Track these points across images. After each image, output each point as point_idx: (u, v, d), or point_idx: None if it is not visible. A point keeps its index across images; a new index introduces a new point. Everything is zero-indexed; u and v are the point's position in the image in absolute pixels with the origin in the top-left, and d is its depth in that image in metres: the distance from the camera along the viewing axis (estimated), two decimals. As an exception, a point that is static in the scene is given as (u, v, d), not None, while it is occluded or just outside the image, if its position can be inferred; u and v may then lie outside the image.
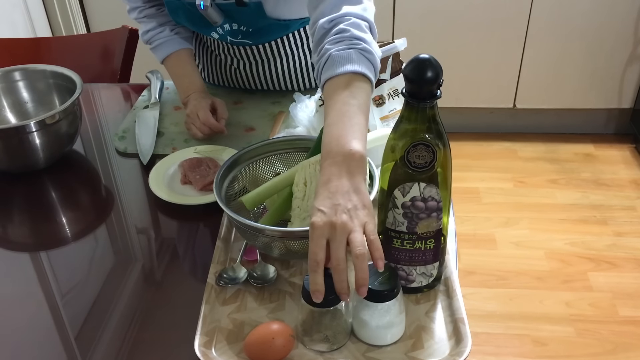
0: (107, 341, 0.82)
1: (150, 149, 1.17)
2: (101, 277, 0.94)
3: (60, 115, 1.11)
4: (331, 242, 0.71)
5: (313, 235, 0.71)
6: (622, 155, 2.54)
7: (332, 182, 0.73)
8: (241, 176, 0.96)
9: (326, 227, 0.70)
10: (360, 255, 0.70)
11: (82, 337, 0.83)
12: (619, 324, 1.79)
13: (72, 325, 0.86)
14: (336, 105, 0.81)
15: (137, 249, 1.00)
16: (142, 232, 1.03)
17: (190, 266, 0.96)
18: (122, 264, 0.96)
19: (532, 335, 1.77)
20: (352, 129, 0.78)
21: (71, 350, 0.82)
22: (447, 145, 0.75)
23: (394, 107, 1.02)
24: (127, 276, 0.94)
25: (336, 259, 0.70)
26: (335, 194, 0.72)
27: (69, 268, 0.96)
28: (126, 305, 0.88)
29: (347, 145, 0.76)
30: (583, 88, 2.51)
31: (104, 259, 0.98)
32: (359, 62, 0.84)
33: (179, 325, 0.83)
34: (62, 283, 0.94)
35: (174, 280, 0.93)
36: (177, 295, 0.89)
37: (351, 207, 0.71)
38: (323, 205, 0.72)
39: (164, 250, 0.99)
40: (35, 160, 1.13)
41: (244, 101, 1.33)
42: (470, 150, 2.58)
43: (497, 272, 1.99)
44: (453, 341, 0.78)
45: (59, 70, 1.21)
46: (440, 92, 0.71)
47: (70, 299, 0.90)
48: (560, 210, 2.25)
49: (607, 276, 1.96)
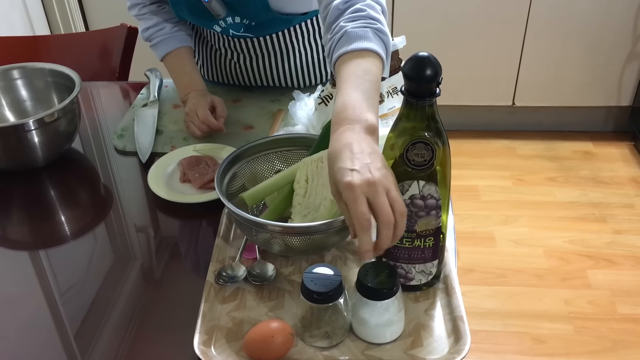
0: (106, 339, 0.82)
1: (149, 148, 1.17)
2: (100, 275, 0.94)
3: (59, 114, 1.10)
4: (374, 199, 0.67)
5: (354, 195, 0.67)
6: (621, 153, 2.54)
7: (354, 145, 0.71)
8: (241, 173, 0.96)
9: (365, 185, 0.67)
10: (404, 213, 0.69)
11: (81, 336, 0.83)
12: (618, 321, 1.80)
13: (71, 323, 0.86)
14: (350, 78, 0.80)
15: (136, 247, 1.00)
16: (141, 231, 1.03)
17: (190, 264, 0.96)
18: (121, 263, 0.96)
19: (531, 333, 1.77)
20: (367, 102, 0.76)
21: (70, 348, 0.82)
22: (446, 143, 0.75)
23: (393, 105, 1.02)
24: (126, 274, 0.94)
25: (386, 214, 0.67)
26: (360, 154, 0.70)
27: (68, 267, 0.96)
28: (125, 303, 0.88)
29: (363, 115, 0.74)
30: (582, 86, 2.51)
31: (103, 258, 0.98)
32: (374, 41, 0.84)
33: (178, 323, 0.83)
34: (61, 281, 0.94)
35: (173, 279, 0.93)
36: (176, 293, 0.89)
37: (380, 167, 0.69)
38: (354, 165, 0.69)
39: (163, 248, 0.99)
40: (34, 159, 1.13)
41: (242, 99, 1.33)
42: (469, 148, 2.58)
43: (496, 270, 1.99)
44: (452, 339, 0.78)
45: (58, 68, 1.20)
46: (440, 90, 0.71)
47: (70, 298, 0.90)
48: (559, 208, 2.25)
49: (606, 274, 1.96)
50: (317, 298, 0.75)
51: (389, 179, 0.69)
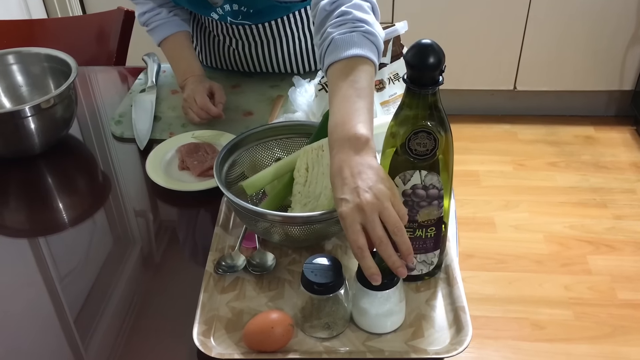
0: (106, 325, 0.82)
1: (147, 134, 1.16)
2: (99, 262, 0.93)
3: (56, 100, 1.09)
4: (365, 224, 0.69)
5: (346, 225, 0.69)
6: (622, 137, 2.53)
7: (343, 169, 0.72)
8: (240, 161, 0.95)
9: (355, 212, 0.69)
10: (399, 230, 0.69)
11: (81, 320, 0.83)
12: (618, 307, 1.80)
13: (71, 309, 0.85)
14: (340, 91, 0.80)
15: (134, 235, 0.99)
16: (140, 218, 1.02)
17: (189, 252, 0.95)
18: (120, 250, 0.95)
19: (531, 319, 1.77)
20: (356, 113, 0.76)
21: (70, 333, 0.82)
22: (449, 131, 0.74)
23: (395, 92, 1.01)
24: (124, 262, 0.93)
25: (377, 238, 0.69)
26: (350, 178, 0.71)
27: (67, 254, 0.96)
28: (124, 290, 0.87)
29: (351, 130, 0.74)
30: (584, 70, 2.49)
31: (102, 245, 0.97)
32: (361, 45, 0.83)
33: (177, 312, 0.83)
34: (60, 268, 0.93)
35: (172, 266, 0.92)
36: (175, 281, 0.89)
37: (372, 185, 0.69)
38: (343, 194, 0.70)
39: (161, 236, 0.98)
40: (31, 146, 1.11)
41: (242, 85, 1.31)
42: (470, 133, 2.56)
43: (496, 256, 1.99)
44: (454, 330, 0.78)
45: (54, 53, 1.18)
46: (443, 78, 0.70)
47: (68, 284, 0.89)
48: (560, 193, 2.24)
49: (606, 259, 1.96)
50: (317, 289, 0.74)
51: (381, 194, 0.69)
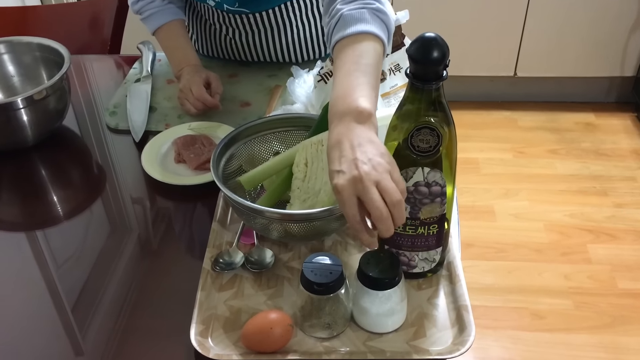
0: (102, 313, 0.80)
1: (143, 126, 1.13)
2: (94, 255, 0.91)
3: (49, 91, 1.06)
4: (362, 196, 0.65)
5: (342, 198, 0.65)
6: (623, 124, 2.51)
7: (342, 142, 0.68)
8: (238, 155, 0.93)
9: (351, 184, 0.65)
10: (398, 203, 0.64)
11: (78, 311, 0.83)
12: (618, 296, 1.79)
13: (68, 299, 0.85)
14: (344, 66, 0.76)
15: (130, 228, 0.97)
16: (136, 212, 1.00)
17: (186, 248, 0.93)
18: (115, 244, 0.93)
19: (531, 308, 1.76)
20: (359, 87, 0.73)
21: (68, 321, 0.82)
22: (453, 127, 0.72)
23: (395, 83, 0.98)
24: (120, 257, 0.91)
25: (376, 209, 0.64)
26: (348, 150, 0.67)
27: (62, 248, 0.94)
28: (119, 288, 0.85)
29: (353, 103, 0.71)
30: (585, 56, 2.46)
31: (97, 239, 0.95)
32: (371, 22, 0.80)
33: (173, 311, 0.81)
34: (56, 261, 0.92)
35: (168, 262, 0.90)
36: (171, 279, 0.87)
37: (371, 157, 0.66)
38: (340, 165, 0.66)
39: (158, 231, 0.96)
40: (24, 138, 1.09)
41: (239, 74, 1.28)
42: (469, 120, 2.54)
43: (496, 245, 1.98)
44: (456, 329, 0.76)
45: (46, 42, 1.16)
46: (447, 73, 0.68)
47: (64, 276, 0.88)
48: (560, 181, 2.23)
49: (606, 248, 1.95)
50: (317, 289, 0.72)
51: (380, 167, 0.65)
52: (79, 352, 0.79)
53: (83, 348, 0.79)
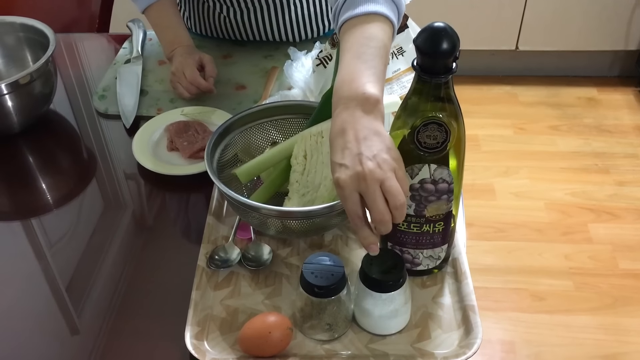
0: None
1: (134, 111, 1.08)
2: (83, 244, 0.88)
3: (34, 75, 1.01)
4: (365, 195, 0.62)
5: (343, 194, 0.63)
6: (626, 99, 2.46)
7: (347, 131, 0.64)
8: (233, 144, 0.89)
9: (354, 181, 0.62)
10: (401, 206, 0.62)
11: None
12: (619, 277, 1.77)
13: (62, 277, 0.84)
14: (352, 48, 0.71)
15: (120, 219, 0.93)
16: (127, 202, 0.96)
17: (179, 242, 0.89)
18: (106, 235, 0.90)
19: (531, 290, 1.74)
20: (367, 72, 0.68)
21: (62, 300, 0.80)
22: (462, 122, 0.68)
23: (398, 68, 0.93)
24: (109, 247, 0.87)
25: (378, 212, 0.62)
26: (353, 142, 0.63)
27: (51, 234, 0.91)
28: (109, 286, 0.82)
29: (360, 88, 0.66)
30: (589, 29, 2.40)
31: (86, 228, 0.91)
32: (382, 2, 0.74)
33: (167, 311, 0.78)
34: (46, 248, 0.89)
35: (162, 256, 0.86)
36: (165, 275, 0.83)
37: (376, 153, 0.62)
38: (343, 158, 0.63)
39: (149, 223, 0.93)
40: (9, 124, 1.04)
41: (233, 54, 1.23)
42: (469, 95, 2.48)
43: (496, 224, 1.95)
44: (462, 331, 0.73)
45: (30, 22, 1.10)
46: (457, 65, 0.63)
47: (54, 267, 0.85)
48: (561, 158, 2.19)
49: (607, 227, 1.92)
50: (318, 292, 0.69)
51: (386, 165, 0.62)
52: (74, 331, 0.77)
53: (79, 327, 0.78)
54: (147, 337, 0.76)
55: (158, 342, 0.75)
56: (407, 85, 0.92)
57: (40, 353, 0.75)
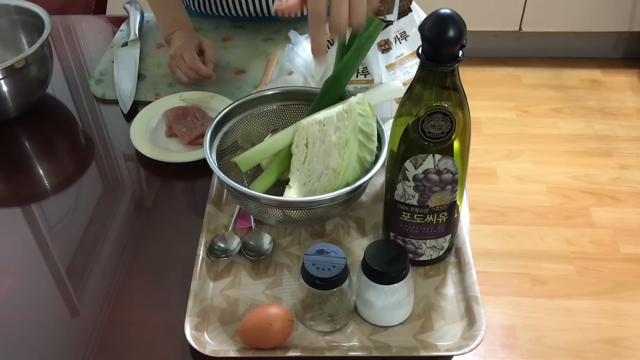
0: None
1: (131, 95, 1.06)
2: (82, 229, 0.87)
3: (30, 59, 0.99)
4: None
5: None
6: (629, 81, 2.44)
7: None
8: (233, 130, 0.87)
9: None
10: (358, 18, 0.68)
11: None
12: (620, 261, 1.76)
13: (61, 260, 0.83)
14: None
15: (119, 206, 0.92)
16: (126, 188, 0.95)
17: (179, 229, 0.88)
18: (104, 222, 0.88)
19: (532, 274, 1.74)
20: None
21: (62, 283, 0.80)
22: (467, 111, 0.66)
23: (401, 53, 0.91)
24: (107, 234, 0.86)
25: (338, 16, 0.67)
26: None
27: (50, 220, 0.90)
28: (103, 283, 0.81)
29: None
30: (593, 10, 2.36)
31: (84, 215, 0.90)
32: None
33: (166, 304, 0.77)
34: (45, 234, 0.88)
35: (161, 244, 0.85)
36: (164, 265, 0.82)
37: None
38: None
39: (150, 210, 0.91)
40: (5, 110, 1.02)
41: (233, 38, 1.20)
42: (472, 77, 2.46)
43: (497, 208, 1.94)
44: (465, 322, 0.72)
45: (24, 5, 1.07)
46: (463, 53, 0.61)
47: (56, 245, 0.84)
48: (564, 141, 2.17)
49: (609, 212, 1.91)
50: (319, 284, 0.68)
51: None
52: (75, 315, 0.77)
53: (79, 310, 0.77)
54: (146, 328, 0.75)
55: (157, 333, 0.74)
56: (410, 71, 0.90)
57: (40, 338, 0.74)
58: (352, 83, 0.90)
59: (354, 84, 0.90)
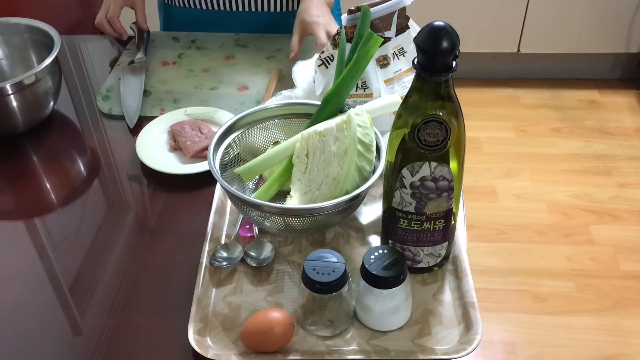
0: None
1: (137, 111, 1.09)
2: (87, 243, 0.89)
3: (39, 75, 1.02)
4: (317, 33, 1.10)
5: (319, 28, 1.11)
6: (627, 102, 2.47)
7: None
8: (236, 144, 0.90)
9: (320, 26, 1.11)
10: None
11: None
12: (621, 278, 1.77)
13: (65, 277, 0.84)
14: None
15: (124, 218, 0.94)
16: (131, 201, 0.97)
17: (183, 240, 0.90)
18: (110, 233, 0.90)
19: (532, 291, 1.75)
20: None
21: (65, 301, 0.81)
22: (462, 120, 0.68)
23: (399, 68, 0.94)
24: (114, 245, 0.88)
25: (323, 39, 1.09)
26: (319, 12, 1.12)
27: (54, 235, 0.92)
28: (112, 286, 0.83)
29: None
30: (590, 32, 2.40)
31: (90, 228, 0.92)
32: None
33: (170, 308, 0.79)
34: (50, 250, 0.89)
35: (166, 253, 0.87)
36: (168, 274, 0.84)
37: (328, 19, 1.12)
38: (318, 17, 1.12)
39: (154, 221, 0.94)
40: (14, 124, 1.05)
41: (236, 56, 1.24)
42: (471, 97, 2.49)
43: (498, 226, 1.95)
44: (462, 327, 0.74)
45: (35, 24, 1.11)
46: (457, 63, 0.64)
47: (59, 264, 0.85)
48: (563, 160, 2.19)
49: (609, 229, 1.93)
50: (319, 288, 0.69)
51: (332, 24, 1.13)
52: (77, 331, 0.78)
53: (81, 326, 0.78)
54: (151, 334, 0.77)
55: (161, 338, 0.76)
56: (407, 86, 0.92)
57: (43, 352, 0.76)
58: (352, 97, 0.93)
59: (353, 97, 0.93)
